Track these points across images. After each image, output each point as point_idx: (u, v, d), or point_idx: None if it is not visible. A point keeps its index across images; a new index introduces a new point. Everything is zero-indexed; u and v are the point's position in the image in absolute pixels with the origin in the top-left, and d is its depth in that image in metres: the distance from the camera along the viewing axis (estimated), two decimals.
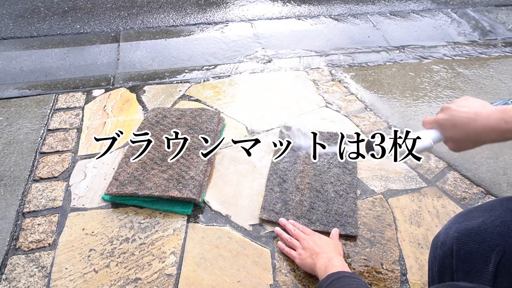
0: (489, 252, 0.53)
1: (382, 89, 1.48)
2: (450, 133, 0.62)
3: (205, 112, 1.26)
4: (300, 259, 0.83)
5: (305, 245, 0.84)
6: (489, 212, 0.58)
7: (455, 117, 0.60)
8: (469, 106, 0.59)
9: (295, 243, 0.87)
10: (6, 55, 1.69)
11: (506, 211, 0.56)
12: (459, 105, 0.61)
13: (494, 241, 0.53)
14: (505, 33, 1.99)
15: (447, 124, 0.62)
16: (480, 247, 0.54)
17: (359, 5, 2.25)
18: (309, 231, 0.90)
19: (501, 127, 0.54)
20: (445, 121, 0.62)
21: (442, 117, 0.63)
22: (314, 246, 0.82)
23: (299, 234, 0.88)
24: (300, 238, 0.87)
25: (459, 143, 0.62)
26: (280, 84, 1.51)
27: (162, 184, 1.00)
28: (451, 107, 0.62)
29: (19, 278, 0.84)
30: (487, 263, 0.53)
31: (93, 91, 1.46)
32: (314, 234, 0.87)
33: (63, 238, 0.92)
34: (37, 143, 1.20)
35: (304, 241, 0.85)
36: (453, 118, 0.60)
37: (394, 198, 1.04)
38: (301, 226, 0.92)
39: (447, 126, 0.62)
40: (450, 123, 0.61)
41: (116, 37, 1.86)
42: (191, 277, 0.84)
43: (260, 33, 1.92)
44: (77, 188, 1.05)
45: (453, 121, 0.60)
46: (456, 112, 0.60)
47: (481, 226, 0.56)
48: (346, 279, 0.67)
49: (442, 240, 0.60)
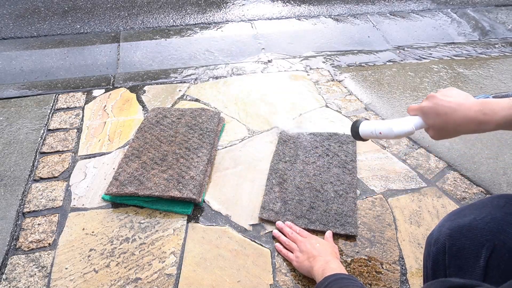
0: (480, 248, 0.54)
1: (382, 89, 1.48)
2: (432, 121, 0.64)
3: (205, 112, 1.26)
4: (298, 261, 0.83)
5: (303, 248, 0.84)
6: (480, 210, 0.59)
7: (439, 106, 0.62)
8: (453, 97, 0.62)
9: (292, 245, 0.87)
10: (6, 55, 1.69)
11: (496, 208, 0.57)
12: (444, 94, 0.63)
13: (484, 237, 0.55)
14: (505, 33, 1.99)
15: (430, 112, 0.64)
16: (471, 243, 0.56)
17: (359, 5, 2.26)
18: (306, 233, 0.90)
19: (478, 118, 0.58)
20: (429, 109, 0.64)
21: (427, 104, 0.65)
22: (311, 249, 0.82)
23: (296, 237, 0.88)
24: (297, 241, 0.87)
25: (439, 131, 0.64)
26: (280, 84, 1.51)
27: (162, 184, 1.00)
28: (436, 96, 0.64)
29: (19, 278, 0.84)
30: (478, 259, 0.54)
31: (93, 91, 1.46)
32: (311, 237, 0.88)
33: (63, 238, 0.92)
34: (37, 143, 1.20)
35: (302, 244, 0.85)
36: (436, 106, 0.63)
37: (394, 198, 1.04)
38: (299, 228, 0.92)
39: (430, 114, 0.64)
40: (433, 111, 0.63)
41: (116, 37, 1.86)
42: (191, 277, 0.85)
43: (260, 33, 1.92)
44: (77, 188, 1.05)
45: (436, 110, 0.63)
46: (440, 101, 0.62)
47: (472, 223, 0.57)
48: (344, 280, 0.68)
49: (436, 237, 0.62)
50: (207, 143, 1.14)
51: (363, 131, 0.78)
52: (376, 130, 0.75)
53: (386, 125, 0.73)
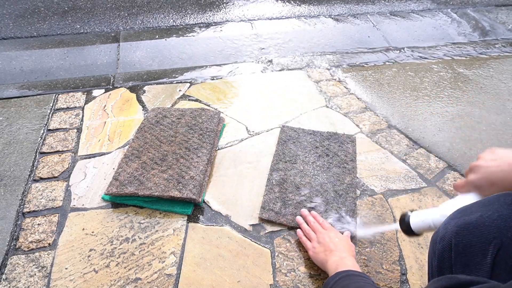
0: (487, 245, 0.54)
1: (382, 89, 1.48)
2: (489, 192, 0.62)
3: (205, 112, 1.26)
4: (314, 252, 0.84)
5: (321, 239, 0.85)
6: (487, 207, 0.59)
7: (490, 174, 0.60)
8: (498, 158, 0.60)
9: (311, 235, 0.88)
10: (6, 55, 1.69)
11: (503, 205, 0.57)
12: (488, 159, 0.61)
13: (491, 234, 0.54)
14: (505, 33, 1.99)
15: (483, 183, 0.62)
16: (478, 241, 0.55)
17: (359, 5, 2.26)
18: (328, 226, 0.91)
19: None
20: (479, 180, 0.62)
21: (476, 177, 0.62)
22: (329, 243, 0.83)
23: (317, 228, 0.89)
24: (317, 231, 0.88)
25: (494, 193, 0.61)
26: (280, 84, 1.51)
27: (162, 184, 1.00)
28: (481, 164, 0.62)
29: (19, 278, 0.84)
30: (485, 256, 0.54)
31: (93, 91, 1.46)
32: (331, 230, 0.88)
33: (63, 238, 0.92)
34: (37, 143, 1.20)
35: (321, 235, 0.86)
36: (487, 176, 0.60)
37: (394, 198, 1.04)
38: (322, 219, 0.93)
39: (484, 185, 0.62)
40: (487, 182, 0.61)
41: (116, 37, 1.86)
42: (191, 277, 0.84)
43: (260, 33, 1.92)
44: (77, 188, 1.05)
45: (489, 179, 0.60)
46: (488, 168, 0.60)
47: (479, 220, 0.56)
48: (355, 277, 0.68)
49: (441, 235, 0.61)
50: (207, 143, 1.14)
51: (415, 225, 0.70)
52: (427, 220, 0.68)
53: (438, 212, 0.67)
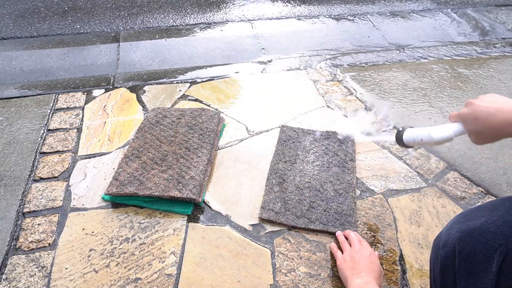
0: (492, 252, 0.53)
1: (382, 89, 1.48)
2: (471, 126, 0.66)
3: (205, 112, 1.26)
4: (341, 264, 0.82)
5: (353, 255, 0.82)
6: (491, 212, 0.57)
7: (477, 111, 0.64)
8: (492, 102, 0.62)
9: (346, 247, 0.86)
10: (6, 55, 1.69)
11: (508, 211, 0.56)
12: (483, 100, 0.64)
13: (497, 241, 0.53)
14: (505, 33, 1.99)
15: (469, 118, 0.66)
16: (483, 247, 0.54)
17: (359, 5, 2.26)
18: (366, 245, 0.86)
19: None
20: (467, 115, 0.66)
21: (465, 111, 0.67)
22: (359, 262, 0.80)
23: (355, 243, 0.86)
24: (353, 245, 0.85)
25: (479, 136, 0.65)
26: (280, 84, 1.51)
27: (162, 184, 1.00)
28: (474, 102, 0.65)
29: (19, 278, 0.84)
30: (490, 263, 0.52)
31: (93, 91, 1.46)
32: (367, 249, 0.84)
33: (63, 238, 0.92)
34: (37, 143, 1.20)
35: (355, 251, 0.83)
36: (474, 112, 0.64)
37: (394, 198, 1.04)
38: (361, 238, 0.89)
39: (468, 119, 0.66)
40: (472, 117, 0.65)
41: (116, 37, 1.86)
42: (191, 277, 0.84)
43: (260, 33, 1.92)
44: (77, 188, 1.05)
45: (474, 115, 0.64)
46: (478, 106, 0.64)
47: (484, 226, 0.55)
48: None
49: (444, 240, 0.60)
50: (207, 143, 1.14)
51: (406, 138, 0.81)
52: (418, 137, 0.78)
53: (427, 132, 0.76)
